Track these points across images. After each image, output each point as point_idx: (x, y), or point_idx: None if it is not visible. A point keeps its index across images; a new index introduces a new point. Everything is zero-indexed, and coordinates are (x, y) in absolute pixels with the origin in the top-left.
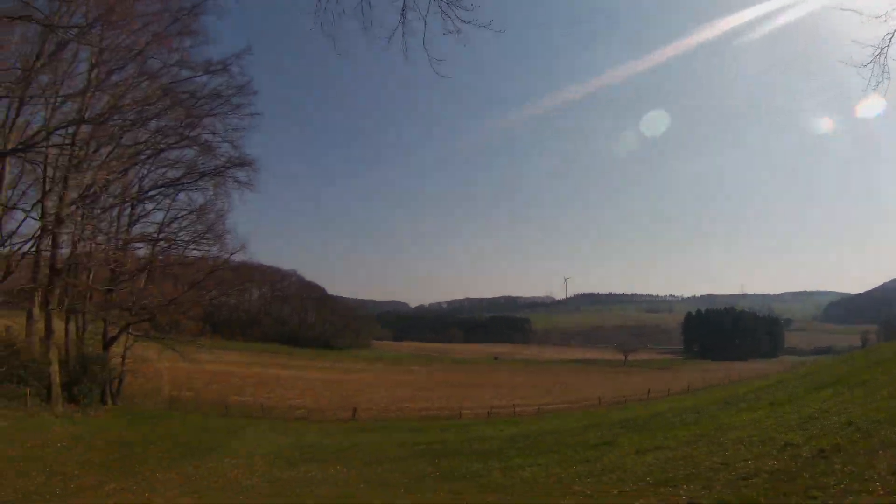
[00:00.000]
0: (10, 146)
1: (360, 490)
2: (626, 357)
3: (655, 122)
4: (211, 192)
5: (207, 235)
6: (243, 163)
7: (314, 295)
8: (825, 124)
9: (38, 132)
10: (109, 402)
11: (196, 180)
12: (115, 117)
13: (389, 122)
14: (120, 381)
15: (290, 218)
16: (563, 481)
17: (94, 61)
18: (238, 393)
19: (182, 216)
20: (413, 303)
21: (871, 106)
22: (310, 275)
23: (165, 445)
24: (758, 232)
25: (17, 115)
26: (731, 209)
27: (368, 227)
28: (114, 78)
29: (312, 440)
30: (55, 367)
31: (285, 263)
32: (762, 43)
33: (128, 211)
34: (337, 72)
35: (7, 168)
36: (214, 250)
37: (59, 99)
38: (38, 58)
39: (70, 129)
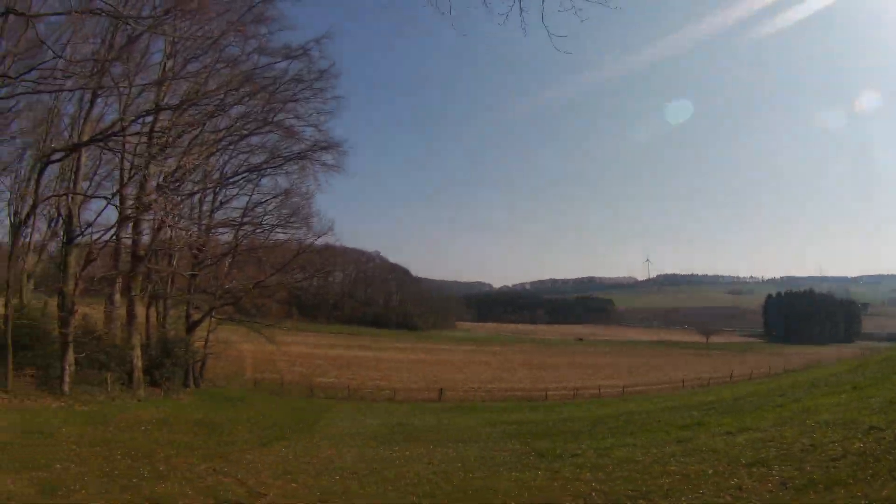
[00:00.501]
0: (84, 138)
1: (457, 469)
2: (706, 339)
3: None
4: (295, 176)
5: (293, 219)
6: (329, 146)
7: (398, 276)
8: None
9: (114, 123)
10: (192, 384)
11: (280, 165)
12: (195, 105)
13: (474, 104)
14: (202, 365)
15: (374, 198)
16: (658, 461)
17: (168, 51)
18: (322, 375)
19: (266, 200)
20: (496, 283)
21: None
22: (393, 256)
23: (253, 427)
24: (836, 213)
25: (92, 107)
26: (811, 190)
27: (453, 207)
28: (190, 67)
29: (401, 420)
30: (137, 352)
31: (368, 245)
32: None
33: (210, 197)
34: (423, 52)
35: (83, 159)
36: (301, 233)
37: (133, 89)
38: (110, 49)
39: (147, 119)
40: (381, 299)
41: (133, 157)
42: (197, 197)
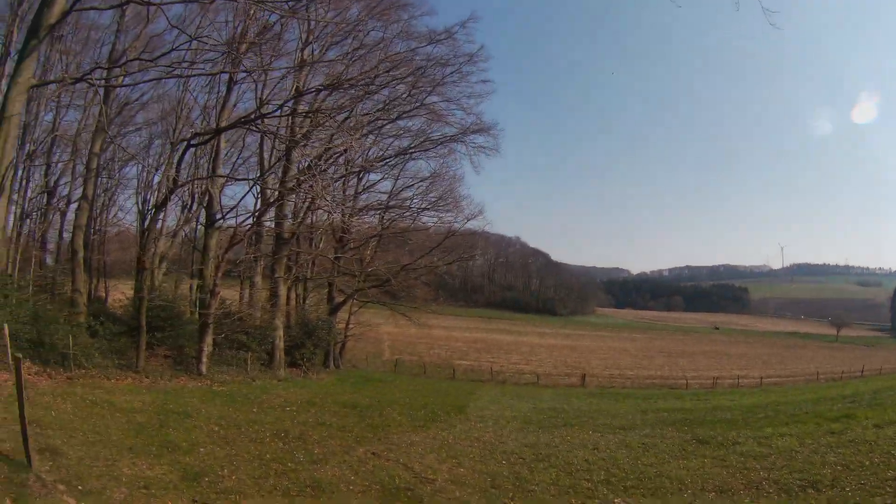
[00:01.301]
0: (223, 123)
1: (623, 455)
2: (837, 332)
3: None
4: (442, 160)
5: (441, 202)
6: (482, 128)
7: (538, 261)
8: None
9: (261, 105)
10: (333, 365)
11: (430, 148)
12: (341, 90)
13: (613, 91)
14: (342, 346)
15: (514, 183)
16: (815, 451)
17: (306, 38)
18: (461, 358)
19: (413, 184)
20: (634, 270)
21: None
22: (533, 241)
23: (403, 409)
24: None
25: (228, 94)
26: None
27: (593, 193)
28: (331, 53)
29: (551, 405)
30: (280, 333)
31: (508, 230)
32: None
33: (354, 181)
34: (569, 39)
35: (223, 144)
36: (450, 217)
37: (270, 75)
38: (244, 35)
39: (289, 104)
40: (521, 284)
41: (275, 142)
42: (341, 181)
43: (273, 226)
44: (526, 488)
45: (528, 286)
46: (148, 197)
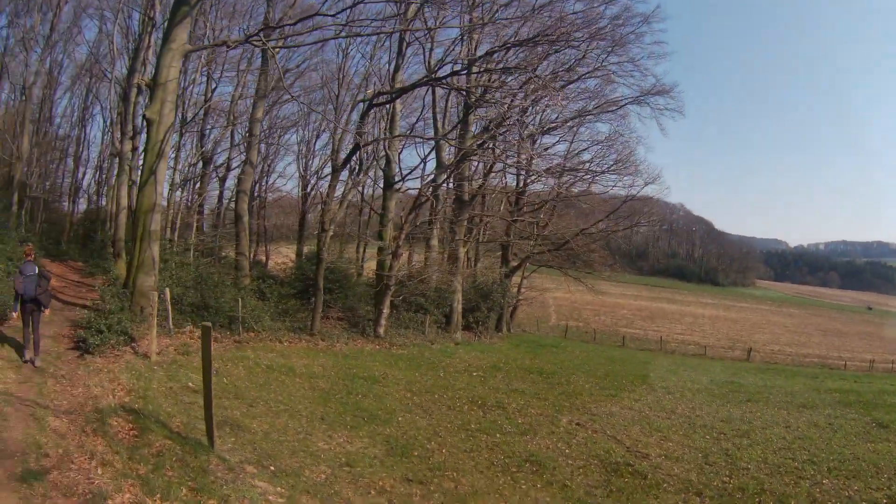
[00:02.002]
0: (397, 86)
1: (813, 434)
2: None
3: None
4: (616, 123)
5: (619, 165)
6: (662, 90)
7: (701, 229)
8: None
9: (429, 72)
10: (505, 329)
11: (607, 111)
12: (510, 53)
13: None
14: (514, 310)
15: (673, 148)
16: None
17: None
18: (627, 325)
19: (588, 147)
20: (792, 242)
21: None
22: (696, 209)
23: (585, 376)
24: None
25: (401, 56)
26: None
27: (752, 161)
28: (500, 14)
29: (725, 378)
30: (458, 296)
31: (671, 197)
32: None
33: (529, 144)
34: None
35: (398, 107)
36: (628, 180)
37: (434, 40)
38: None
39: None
40: (685, 252)
41: (448, 105)
42: (518, 144)
43: (453, 188)
44: (738, 465)
45: (692, 255)
46: (310, 162)
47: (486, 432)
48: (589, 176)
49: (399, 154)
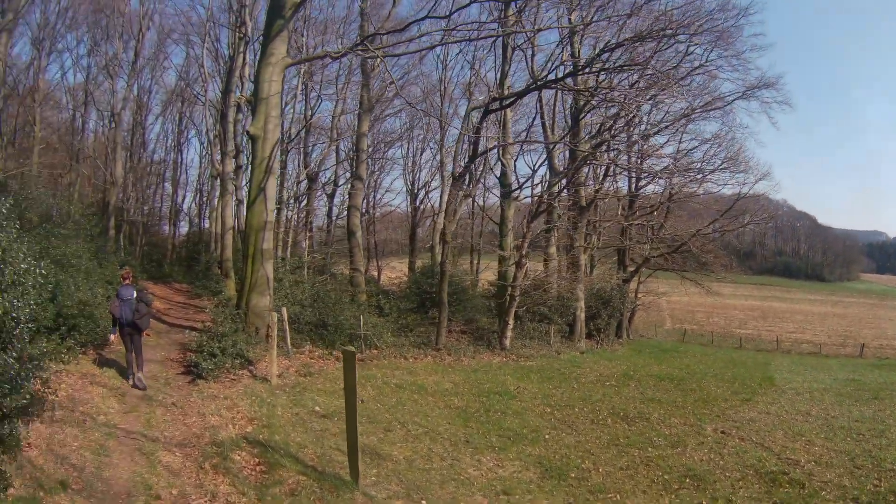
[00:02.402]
0: (506, 91)
1: None
2: None
3: None
4: (721, 120)
5: (728, 164)
6: (767, 84)
7: (805, 225)
8: None
9: (533, 78)
10: (625, 335)
11: (714, 108)
12: (616, 53)
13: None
14: (632, 315)
15: (771, 141)
16: None
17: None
18: (740, 326)
19: (695, 147)
20: (892, 232)
21: None
22: (798, 203)
23: (714, 381)
24: None
25: (505, 61)
26: None
27: (851, 151)
28: (599, 14)
29: (846, 377)
30: (581, 304)
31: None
32: None
33: (641, 144)
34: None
35: (508, 114)
36: (740, 178)
37: (536, 44)
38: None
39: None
40: (790, 248)
41: (555, 110)
42: (629, 145)
43: (569, 194)
44: (884, 467)
45: (797, 251)
46: (417, 177)
47: (637, 446)
48: (700, 175)
49: (515, 162)
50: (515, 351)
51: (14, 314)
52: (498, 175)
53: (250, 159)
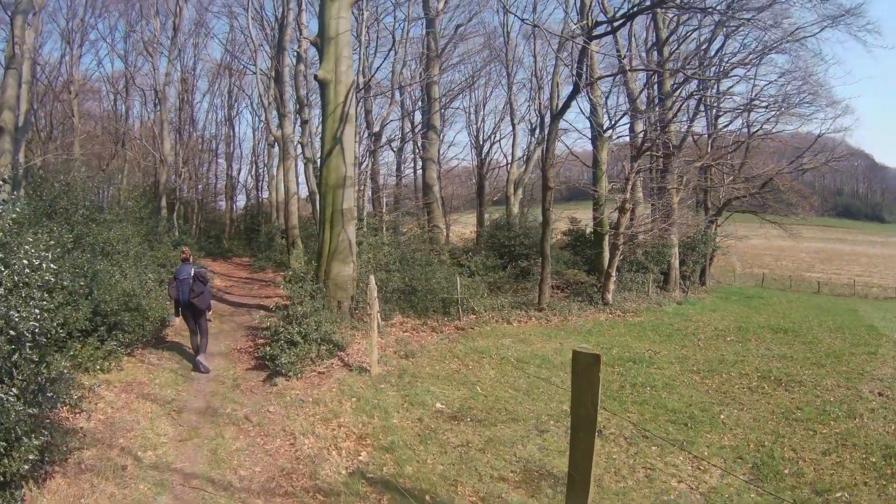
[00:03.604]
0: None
1: None
2: None
3: None
4: (796, 53)
5: (806, 101)
6: (848, 11)
7: (862, 164)
8: None
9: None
10: (707, 282)
11: (797, 39)
12: None
13: None
14: (711, 261)
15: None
16: None
17: None
18: (808, 269)
19: (771, 83)
20: None
21: None
22: (854, 141)
23: (820, 330)
24: None
25: None
26: None
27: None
28: None
29: None
30: (675, 251)
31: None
32: None
33: (713, 87)
34: None
35: (593, 48)
36: (821, 115)
37: None
38: None
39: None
40: (849, 189)
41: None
42: (708, 82)
43: (660, 134)
44: None
45: (856, 191)
46: (481, 127)
47: (818, 421)
48: (779, 111)
49: (606, 100)
50: (619, 306)
51: (13, 331)
52: (587, 115)
53: (321, 109)
